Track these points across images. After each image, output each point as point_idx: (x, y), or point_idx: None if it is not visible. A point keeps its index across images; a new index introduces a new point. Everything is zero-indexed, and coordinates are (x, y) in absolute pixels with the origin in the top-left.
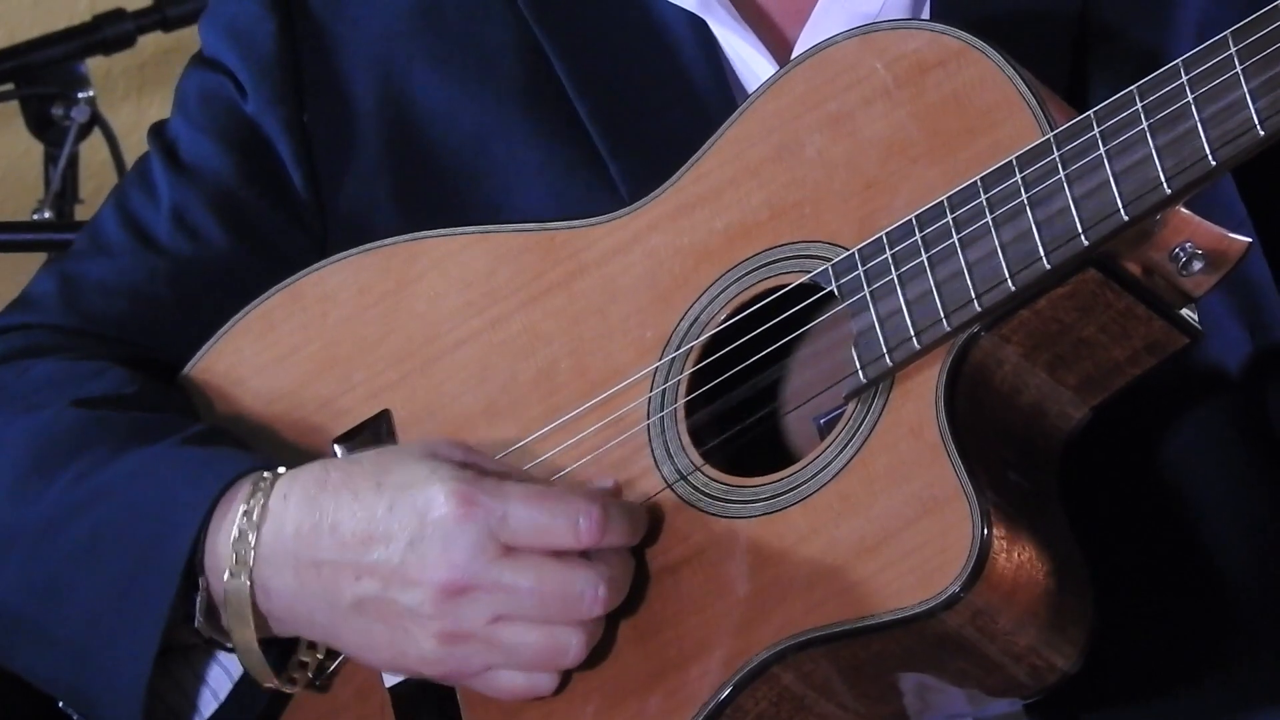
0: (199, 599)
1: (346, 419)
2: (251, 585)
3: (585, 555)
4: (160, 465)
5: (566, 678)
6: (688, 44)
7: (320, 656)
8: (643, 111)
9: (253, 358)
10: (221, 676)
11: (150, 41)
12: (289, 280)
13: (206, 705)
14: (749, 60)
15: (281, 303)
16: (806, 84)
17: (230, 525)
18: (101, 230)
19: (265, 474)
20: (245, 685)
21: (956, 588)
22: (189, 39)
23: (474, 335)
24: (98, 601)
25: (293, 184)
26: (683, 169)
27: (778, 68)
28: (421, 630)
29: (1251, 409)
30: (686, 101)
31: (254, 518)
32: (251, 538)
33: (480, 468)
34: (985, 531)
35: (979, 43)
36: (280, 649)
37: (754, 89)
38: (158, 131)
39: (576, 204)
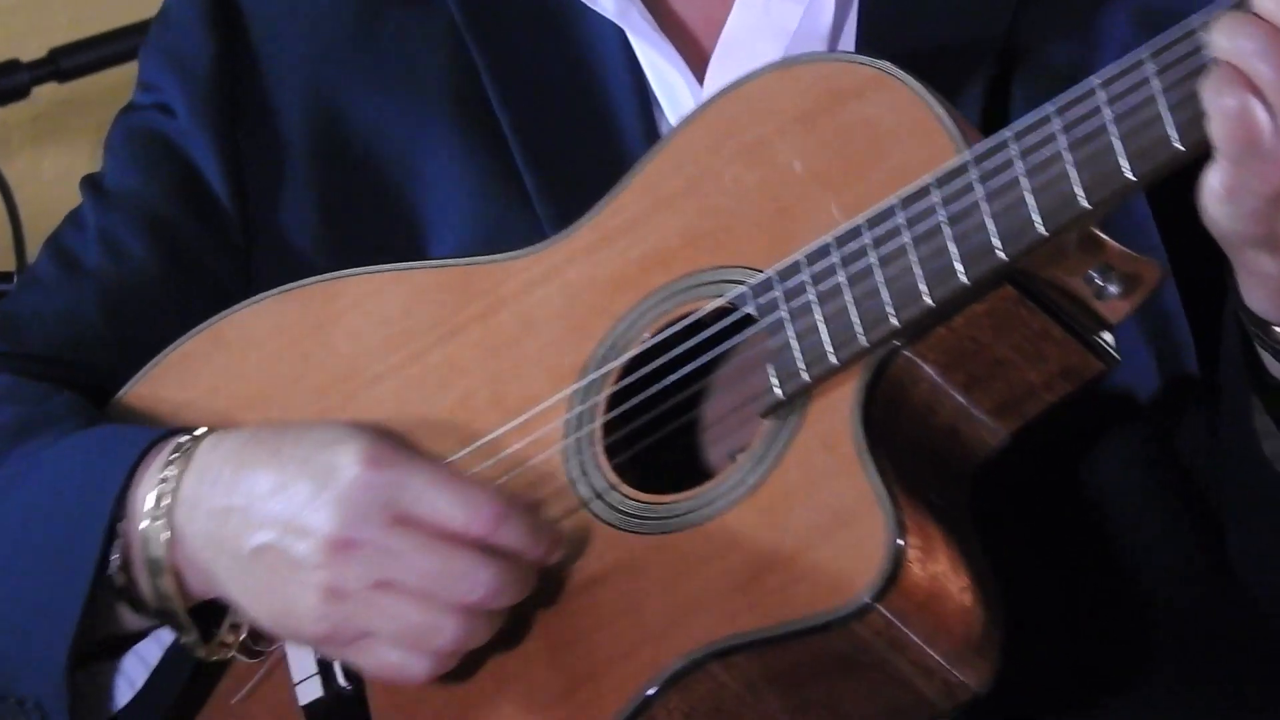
0: (117, 545)
1: None
2: (172, 534)
3: (484, 551)
4: (87, 441)
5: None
6: (613, 57)
7: (244, 636)
8: (561, 124)
9: (173, 397)
10: (138, 666)
11: (45, 93)
12: (209, 322)
13: (121, 695)
14: (664, 71)
15: (200, 344)
16: (723, 117)
17: (155, 476)
18: (35, 269)
19: (195, 431)
20: (160, 674)
21: (868, 596)
22: (84, 90)
23: (392, 371)
24: (27, 572)
25: (218, 199)
26: (599, 204)
27: (692, 78)
28: (307, 580)
29: (1161, 436)
30: (605, 114)
31: (179, 468)
32: (173, 483)
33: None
34: (899, 540)
35: (894, 69)
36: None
37: (667, 99)
38: (87, 179)
39: (495, 217)
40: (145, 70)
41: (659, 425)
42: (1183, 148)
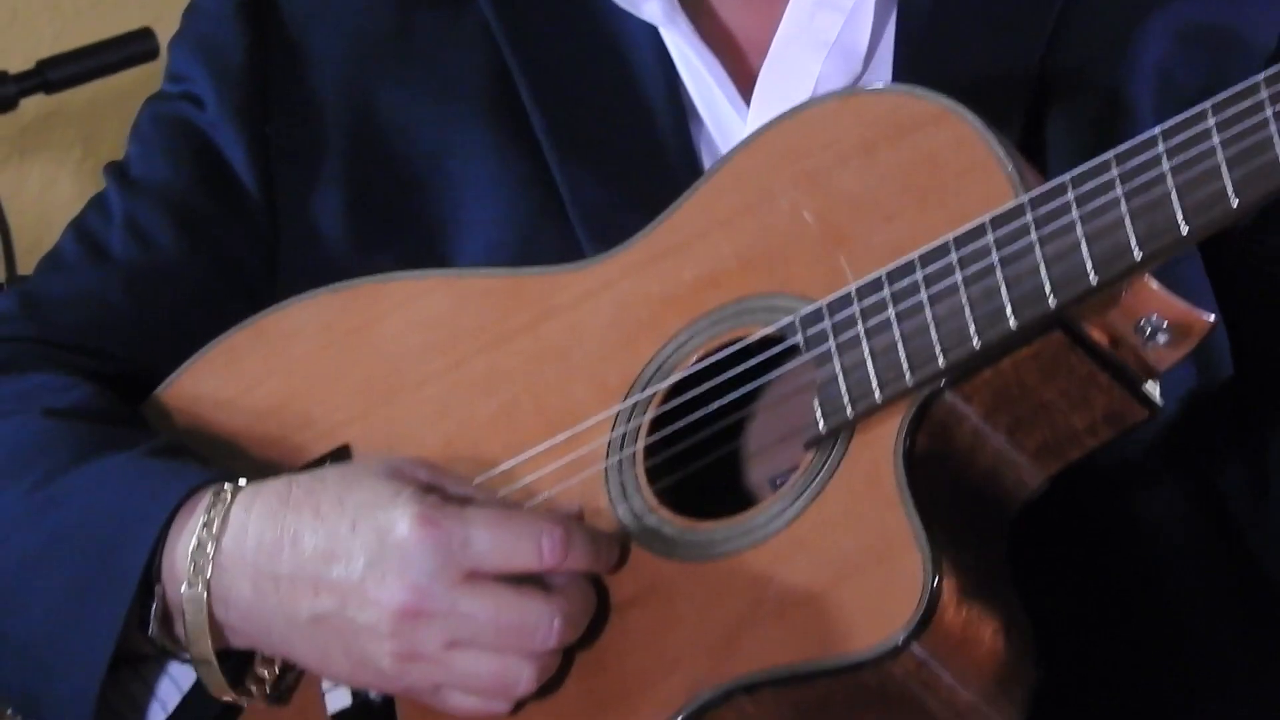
0: (154, 607)
1: (305, 453)
2: (209, 595)
3: (546, 587)
4: (121, 473)
5: (512, 707)
6: (648, 64)
7: (277, 671)
8: (594, 129)
9: (214, 391)
10: (171, 689)
11: (32, 104)
12: (254, 317)
13: (155, 717)
14: (706, 83)
15: (246, 337)
16: (784, 141)
17: (190, 535)
18: (59, 251)
19: (227, 485)
20: (194, 698)
21: (903, 637)
22: (70, 102)
23: (436, 375)
24: (53, 607)
25: (246, 190)
26: (656, 221)
27: (734, 90)
28: (378, 648)
29: (1203, 480)
30: (639, 121)
31: (214, 529)
32: (210, 548)
33: (444, 490)
34: (936, 582)
35: (958, 106)
36: (235, 662)
37: (707, 111)
38: (112, 165)
39: (526, 219)
40: (175, 61)
41: (702, 451)
42: (1238, 205)
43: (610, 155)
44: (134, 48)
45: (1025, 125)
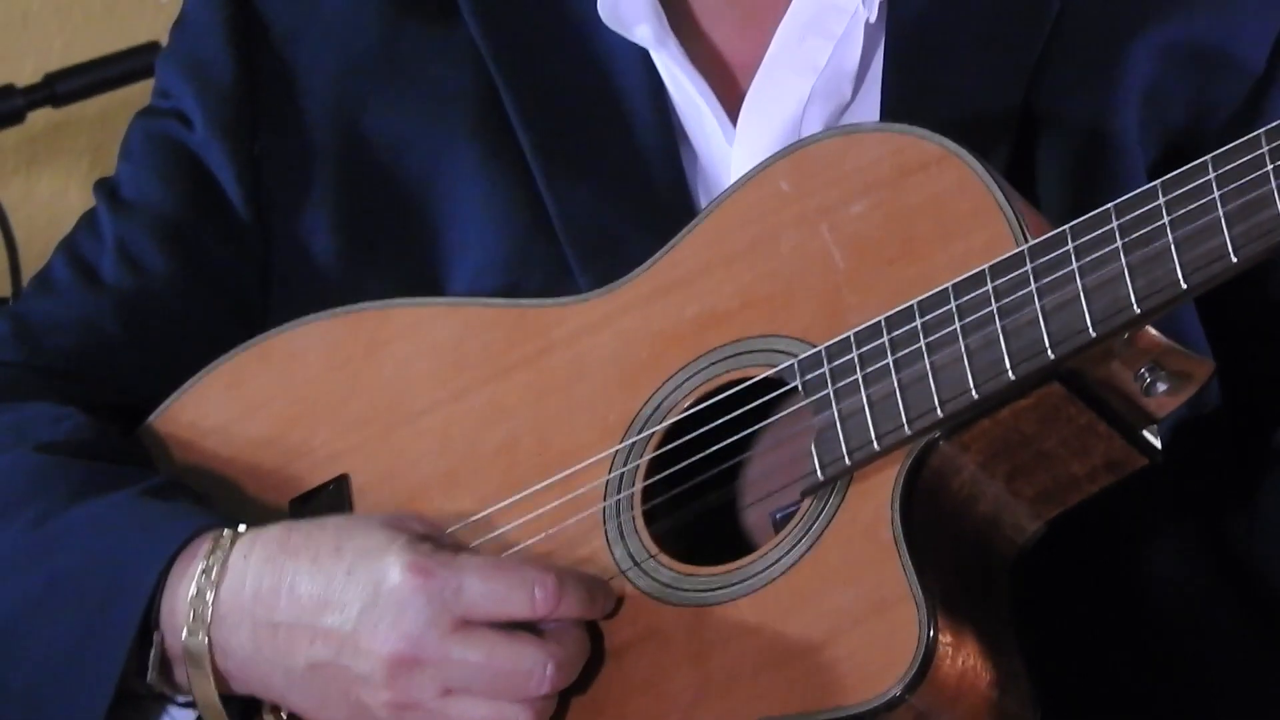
0: (152, 654)
1: (305, 479)
2: (210, 643)
3: (539, 632)
4: (118, 516)
5: None
6: (638, 84)
7: (284, 717)
8: (582, 150)
9: (217, 411)
10: None
11: (40, 117)
12: (258, 338)
13: None
14: (694, 105)
15: (249, 359)
16: (787, 178)
17: (189, 582)
18: (49, 273)
19: (225, 532)
20: None
21: (899, 689)
22: (79, 115)
23: (438, 404)
24: (52, 652)
25: (236, 211)
26: (659, 254)
27: (722, 113)
28: (373, 698)
29: (1206, 524)
30: (627, 142)
31: (213, 575)
32: (210, 595)
33: (438, 540)
34: (931, 634)
35: (960, 150)
36: (242, 706)
37: (695, 132)
38: (102, 182)
39: (515, 240)
40: (162, 78)
41: (699, 493)
42: (1238, 260)
43: (599, 175)
44: (141, 61)
45: (1013, 151)
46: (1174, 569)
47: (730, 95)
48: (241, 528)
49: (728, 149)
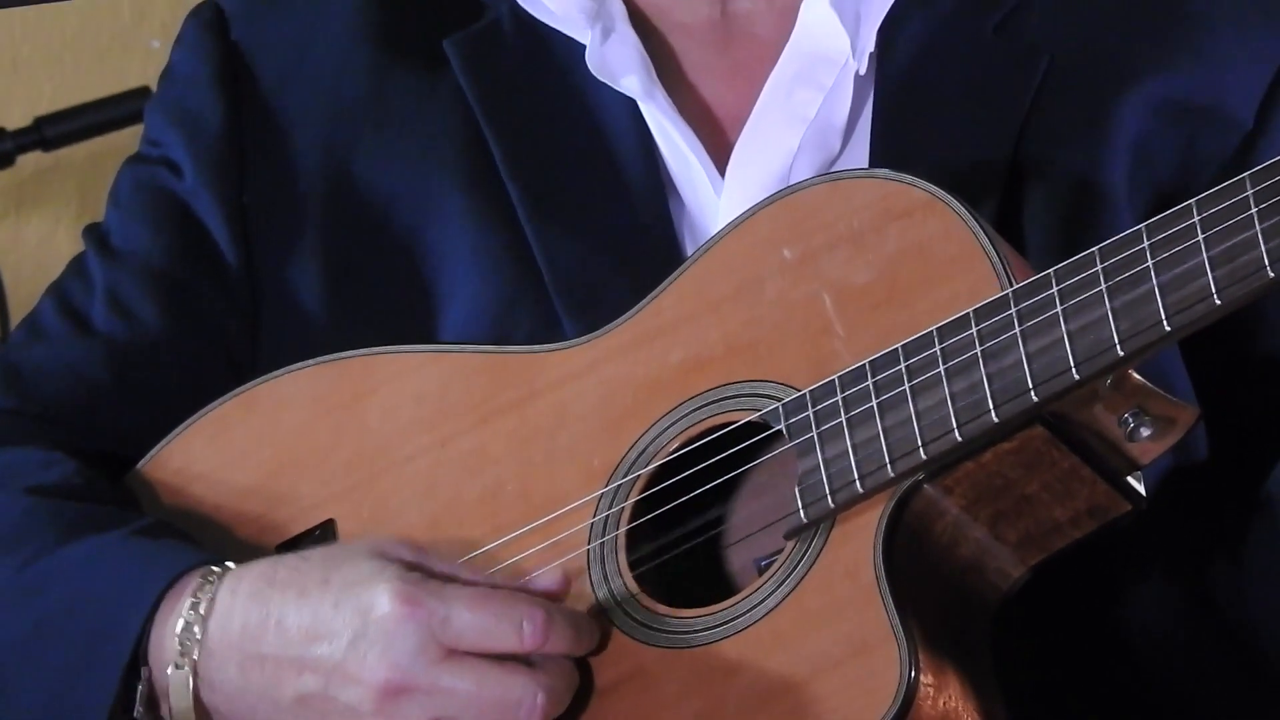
0: (140, 689)
1: (291, 526)
2: (195, 677)
3: (529, 663)
4: (107, 555)
5: None
6: (626, 135)
7: None
8: (571, 200)
9: (204, 459)
10: None
11: (29, 161)
12: (245, 386)
13: None
14: (683, 156)
15: (236, 407)
16: (772, 225)
17: (177, 617)
18: (39, 320)
19: (214, 568)
20: None
21: None
22: (67, 158)
23: (423, 452)
24: (41, 690)
25: (225, 260)
26: (644, 301)
27: (710, 164)
28: None
29: (1189, 573)
30: (616, 192)
31: (201, 610)
32: (198, 630)
33: (427, 569)
34: (913, 675)
35: (946, 195)
36: None
37: (684, 183)
38: (91, 228)
39: (504, 290)
40: (151, 126)
41: (685, 537)
42: (1222, 303)
43: (587, 226)
44: (131, 105)
45: (1001, 204)
46: (1157, 619)
47: (719, 147)
48: (230, 564)
49: (716, 200)
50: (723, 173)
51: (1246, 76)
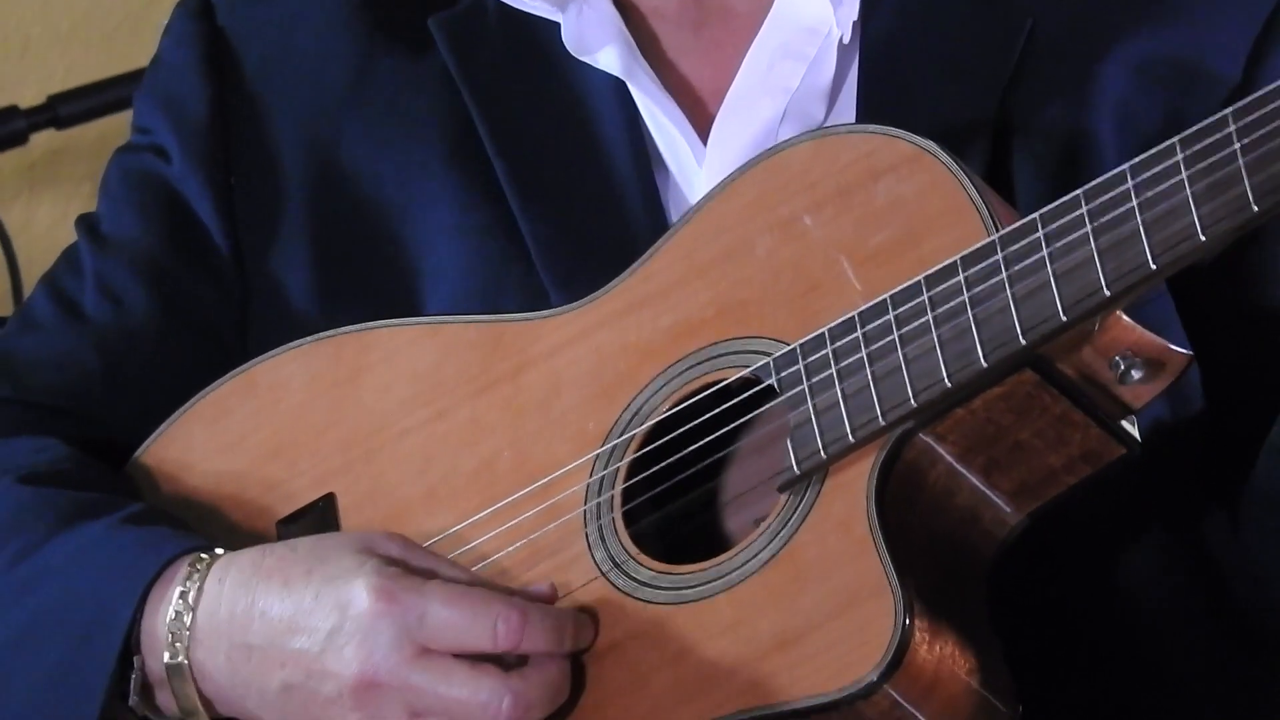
0: (134, 678)
1: (291, 503)
2: (190, 665)
3: (512, 663)
4: (97, 547)
5: None
6: (610, 111)
7: None
8: (557, 176)
9: (203, 443)
10: None
11: (42, 139)
12: (243, 367)
13: None
14: (667, 129)
15: (234, 390)
16: (760, 187)
17: (167, 606)
18: (31, 310)
19: (203, 555)
20: None
21: (874, 676)
22: (80, 137)
23: (419, 425)
24: (36, 685)
25: (214, 244)
26: (634, 266)
27: (695, 136)
28: (343, 719)
29: (1184, 524)
30: (602, 167)
31: (190, 599)
32: (187, 619)
33: (408, 564)
34: (907, 622)
35: (932, 146)
36: None
37: (670, 156)
38: (83, 218)
39: (491, 268)
40: (140, 114)
41: (678, 494)
42: (1207, 240)
43: (574, 202)
44: None
45: (989, 166)
46: (1154, 571)
47: (701, 120)
48: (219, 551)
49: (700, 171)
50: (706, 144)
51: (1230, 33)
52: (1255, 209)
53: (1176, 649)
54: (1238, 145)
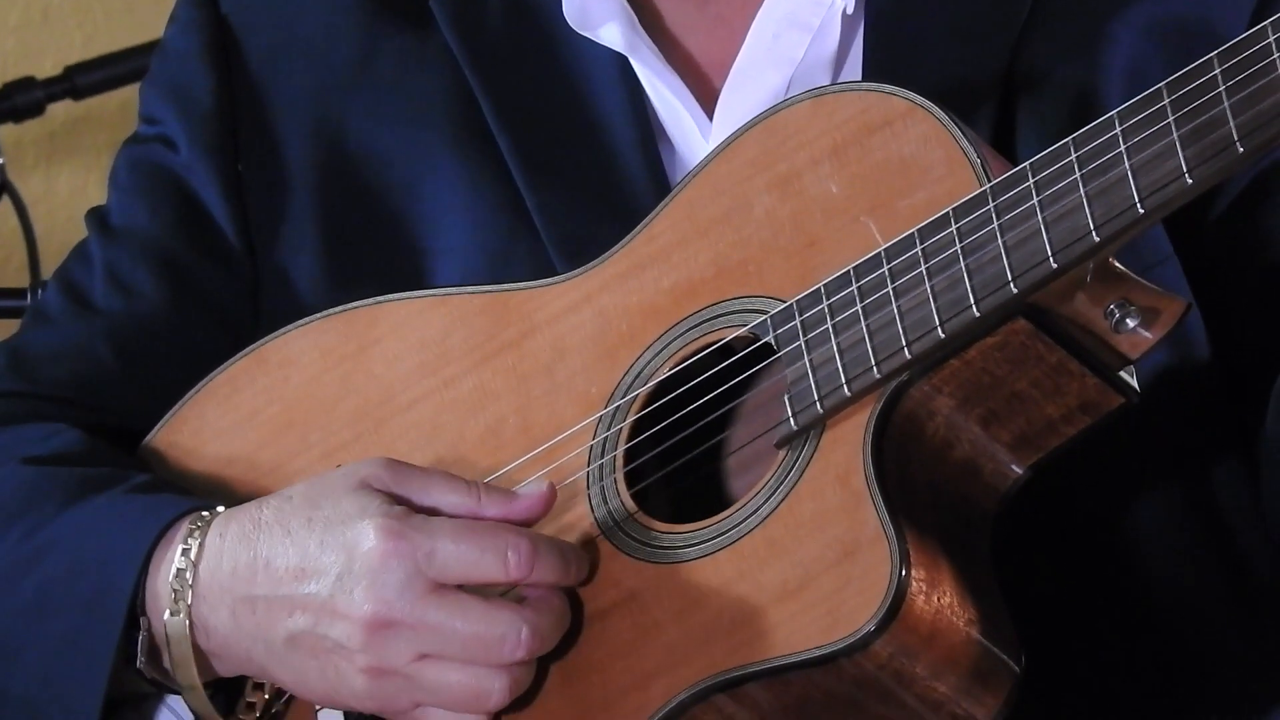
0: (140, 638)
1: (301, 478)
2: (190, 623)
3: (519, 599)
4: (103, 516)
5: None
6: (613, 86)
7: (267, 696)
8: (561, 151)
9: (215, 421)
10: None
11: (60, 110)
12: (254, 346)
13: None
14: (671, 104)
15: (245, 367)
16: (758, 147)
17: (169, 564)
18: (43, 304)
19: (203, 513)
20: None
21: (871, 626)
22: (99, 108)
23: (427, 395)
24: (46, 656)
25: (223, 231)
26: (636, 230)
27: (699, 110)
28: (350, 665)
29: (1192, 476)
30: (605, 142)
31: (191, 556)
32: (189, 575)
33: (411, 501)
34: (904, 572)
35: (925, 102)
36: (229, 691)
37: (674, 130)
38: (93, 211)
39: (499, 243)
40: (146, 103)
41: (679, 453)
42: (1193, 182)
43: (579, 177)
44: None
45: (996, 128)
46: (1160, 524)
47: (707, 92)
48: (220, 509)
49: (705, 145)
50: (711, 118)
51: None
52: (1240, 149)
53: (1185, 600)
54: (1223, 87)
